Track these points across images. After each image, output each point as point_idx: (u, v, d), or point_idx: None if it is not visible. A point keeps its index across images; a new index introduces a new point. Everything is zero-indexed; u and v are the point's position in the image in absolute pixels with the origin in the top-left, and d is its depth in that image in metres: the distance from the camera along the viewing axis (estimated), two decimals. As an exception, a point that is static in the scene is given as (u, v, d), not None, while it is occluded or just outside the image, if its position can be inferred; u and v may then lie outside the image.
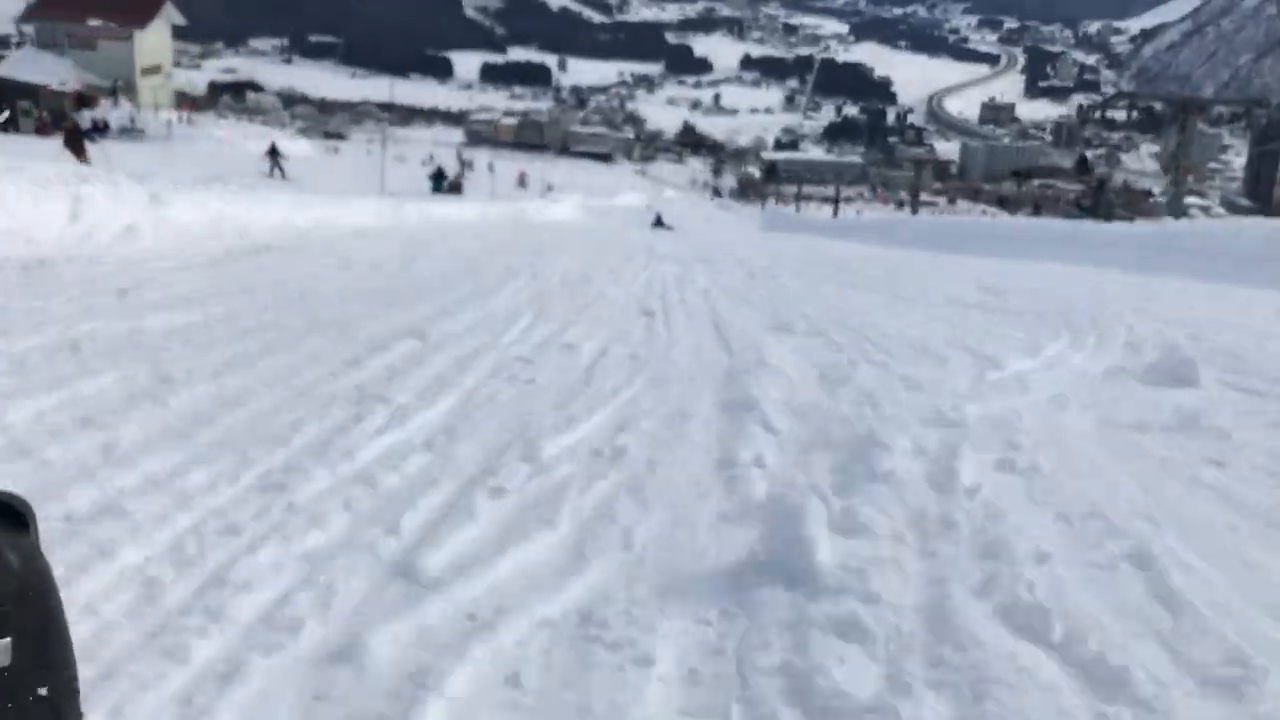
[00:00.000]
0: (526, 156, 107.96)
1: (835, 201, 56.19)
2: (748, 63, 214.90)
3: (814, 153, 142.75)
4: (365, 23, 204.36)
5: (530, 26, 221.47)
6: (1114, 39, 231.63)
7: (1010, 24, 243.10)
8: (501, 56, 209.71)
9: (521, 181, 45.08)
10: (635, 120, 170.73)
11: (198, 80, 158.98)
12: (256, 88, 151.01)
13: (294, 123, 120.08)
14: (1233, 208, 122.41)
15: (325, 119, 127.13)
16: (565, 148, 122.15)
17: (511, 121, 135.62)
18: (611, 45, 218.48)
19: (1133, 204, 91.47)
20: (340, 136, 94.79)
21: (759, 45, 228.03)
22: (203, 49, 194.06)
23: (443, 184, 29.47)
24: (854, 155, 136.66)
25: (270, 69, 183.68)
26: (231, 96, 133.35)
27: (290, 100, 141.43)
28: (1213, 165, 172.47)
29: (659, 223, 30.88)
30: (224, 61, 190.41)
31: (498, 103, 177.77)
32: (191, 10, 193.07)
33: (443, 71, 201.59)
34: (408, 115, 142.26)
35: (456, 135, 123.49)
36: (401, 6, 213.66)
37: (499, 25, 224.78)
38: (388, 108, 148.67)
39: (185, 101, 70.24)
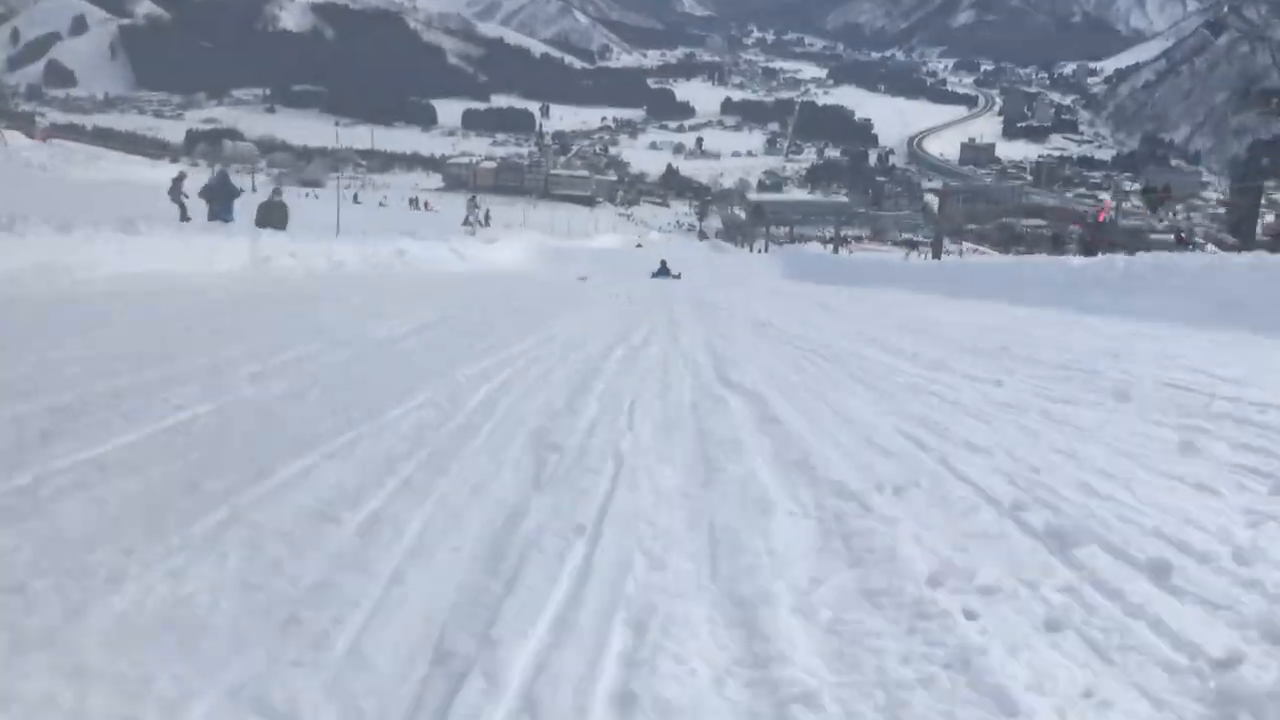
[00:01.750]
0: (506, 200, 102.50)
1: (836, 241, 50.67)
2: (729, 107, 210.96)
3: (798, 194, 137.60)
4: (348, 72, 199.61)
5: (513, 74, 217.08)
6: (1089, 80, 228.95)
7: (986, 66, 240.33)
8: (484, 104, 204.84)
9: (470, 216, 37.91)
10: (618, 164, 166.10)
11: (176, 130, 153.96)
12: (234, 136, 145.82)
13: (270, 170, 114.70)
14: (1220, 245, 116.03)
15: (302, 165, 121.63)
16: (546, 191, 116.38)
17: (491, 165, 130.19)
18: (594, 91, 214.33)
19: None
20: (316, 183, 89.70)
21: (739, 90, 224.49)
22: (184, 99, 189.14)
23: (269, 215, 16.21)
24: (840, 196, 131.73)
25: (252, 118, 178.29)
26: (208, 145, 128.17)
27: (268, 147, 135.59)
28: (1194, 202, 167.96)
29: (664, 271, 25.23)
30: (206, 112, 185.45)
31: (480, 149, 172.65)
32: (175, 61, 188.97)
33: (426, 119, 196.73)
34: (388, 161, 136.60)
35: (435, 180, 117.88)
36: (385, 56, 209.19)
37: (482, 73, 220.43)
38: (368, 154, 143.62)
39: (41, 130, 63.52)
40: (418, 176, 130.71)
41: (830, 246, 50.07)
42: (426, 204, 40.43)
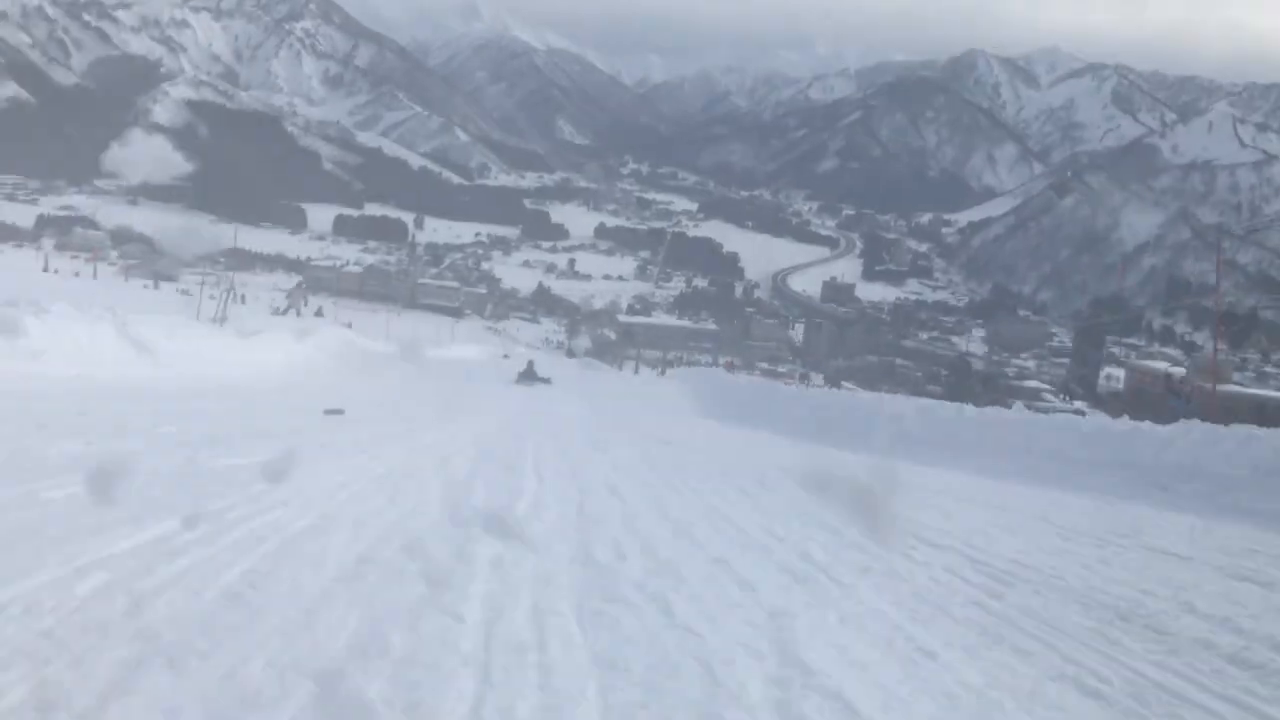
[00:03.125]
0: (369, 307, 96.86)
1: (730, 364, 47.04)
2: (603, 232, 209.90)
3: (668, 319, 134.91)
4: (218, 169, 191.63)
5: (389, 184, 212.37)
6: (944, 229, 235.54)
7: (848, 211, 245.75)
8: (358, 211, 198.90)
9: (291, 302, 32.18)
10: (490, 279, 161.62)
11: (28, 215, 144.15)
12: (89, 224, 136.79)
13: (121, 260, 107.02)
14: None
15: (157, 258, 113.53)
16: (414, 300, 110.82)
17: (356, 270, 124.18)
18: (470, 207, 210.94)
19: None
20: (169, 278, 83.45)
21: (613, 216, 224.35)
22: (43, 185, 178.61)
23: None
24: (708, 324, 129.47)
25: (113, 209, 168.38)
26: (58, 231, 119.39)
27: (123, 238, 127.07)
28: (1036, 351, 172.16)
29: (530, 375, 21.57)
30: (65, 199, 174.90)
31: (351, 255, 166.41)
32: (37, 146, 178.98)
33: (296, 222, 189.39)
34: (249, 260, 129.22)
35: (294, 281, 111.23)
36: (259, 157, 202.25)
37: (357, 181, 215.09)
38: (231, 253, 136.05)
39: None
40: (279, 278, 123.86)
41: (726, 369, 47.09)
42: (243, 296, 35.10)
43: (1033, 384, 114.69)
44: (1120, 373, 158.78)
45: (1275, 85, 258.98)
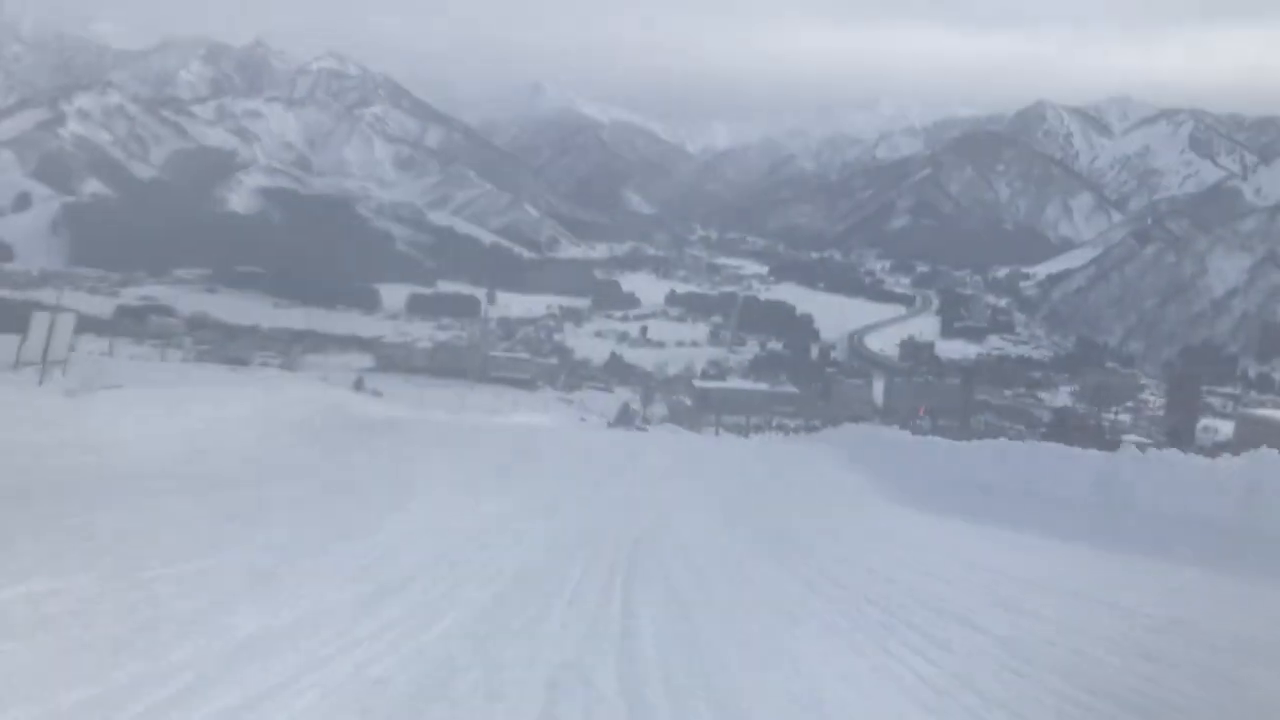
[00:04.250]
0: (440, 383, 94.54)
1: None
2: (673, 299, 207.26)
3: (743, 384, 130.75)
4: (292, 254, 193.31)
5: (461, 262, 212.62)
6: (1022, 284, 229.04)
7: (922, 268, 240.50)
8: (430, 289, 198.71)
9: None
10: (562, 350, 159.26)
11: (108, 306, 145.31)
12: (165, 312, 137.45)
13: (196, 346, 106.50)
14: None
15: (230, 342, 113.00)
16: (485, 374, 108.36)
17: (427, 345, 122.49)
18: (541, 280, 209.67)
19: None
20: (242, 362, 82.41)
21: (684, 283, 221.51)
22: (123, 277, 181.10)
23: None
24: (787, 386, 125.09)
25: (191, 297, 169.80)
26: (134, 320, 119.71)
27: (198, 324, 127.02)
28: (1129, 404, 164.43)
29: (627, 417, 19.63)
30: (143, 289, 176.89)
31: (424, 332, 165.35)
32: (117, 240, 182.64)
33: (370, 303, 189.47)
34: (321, 342, 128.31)
35: (368, 360, 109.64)
36: (333, 240, 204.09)
37: (430, 259, 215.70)
38: (303, 335, 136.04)
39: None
40: (352, 357, 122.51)
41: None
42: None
43: (1131, 437, 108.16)
44: (1219, 423, 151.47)
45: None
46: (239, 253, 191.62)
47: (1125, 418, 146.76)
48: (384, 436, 18.35)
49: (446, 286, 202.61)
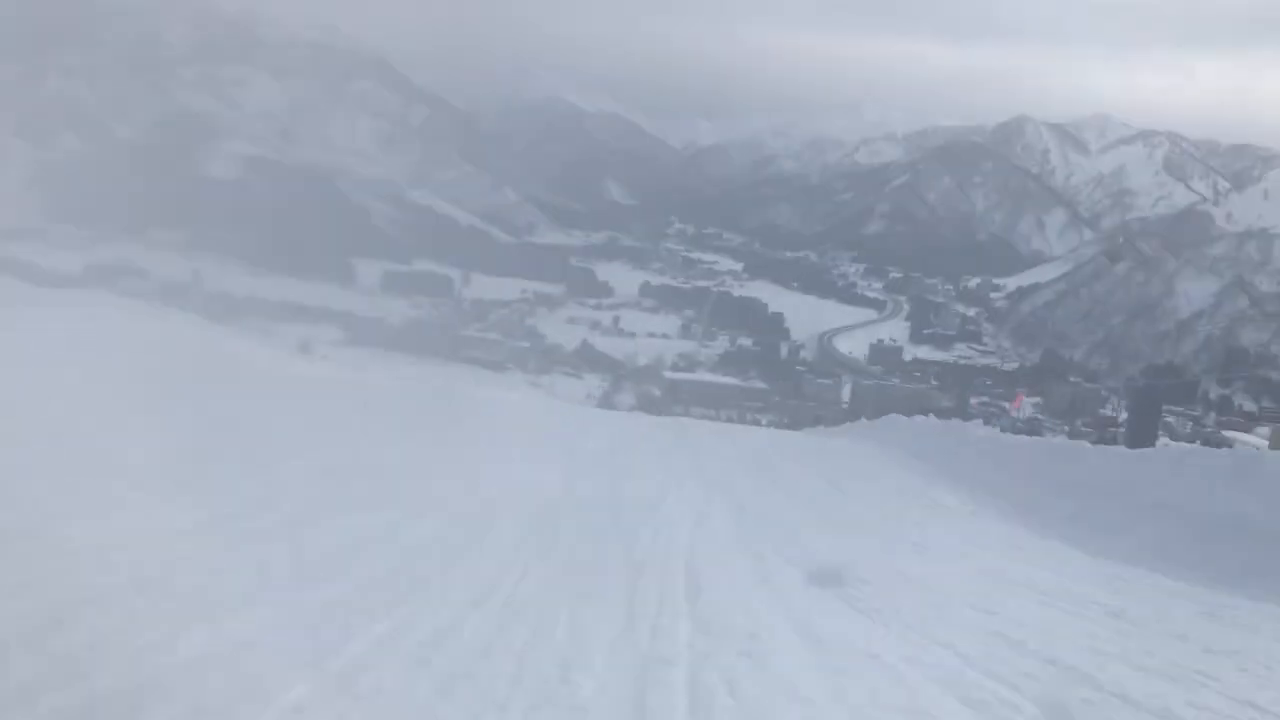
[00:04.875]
0: (408, 359, 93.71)
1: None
2: (647, 290, 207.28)
3: (713, 377, 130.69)
4: (270, 224, 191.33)
5: (438, 241, 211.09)
6: (992, 294, 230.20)
7: (895, 274, 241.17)
8: (406, 266, 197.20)
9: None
10: (534, 335, 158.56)
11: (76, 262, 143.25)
12: (137, 274, 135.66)
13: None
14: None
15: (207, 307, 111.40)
16: (456, 353, 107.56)
17: (398, 321, 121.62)
18: (516, 264, 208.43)
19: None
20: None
21: (659, 275, 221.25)
22: (94, 234, 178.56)
23: None
24: (758, 382, 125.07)
25: (164, 258, 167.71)
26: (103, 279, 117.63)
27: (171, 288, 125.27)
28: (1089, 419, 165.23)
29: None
30: (116, 248, 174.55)
31: (398, 309, 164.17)
32: (91, 197, 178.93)
33: (344, 277, 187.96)
34: (294, 311, 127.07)
35: (337, 333, 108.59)
36: (309, 212, 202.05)
37: (407, 237, 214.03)
38: (279, 305, 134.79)
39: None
40: (322, 329, 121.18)
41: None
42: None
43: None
44: (1178, 444, 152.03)
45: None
46: (217, 218, 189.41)
47: (1086, 430, 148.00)
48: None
49: (422, 265, 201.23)
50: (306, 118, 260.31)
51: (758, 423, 62.42)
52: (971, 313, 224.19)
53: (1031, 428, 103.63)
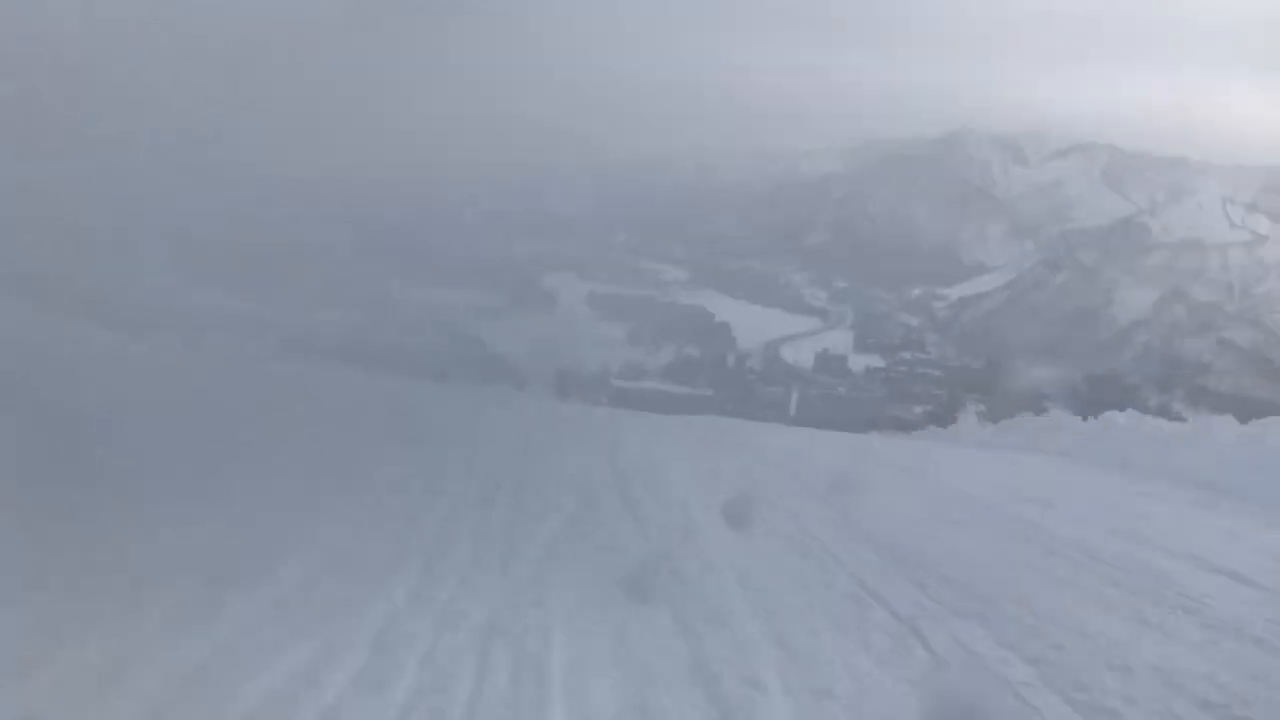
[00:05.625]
0: (347, 371, 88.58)
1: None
2: (593, 299, 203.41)
3: (661, 385, 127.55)
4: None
5: (375, 250, 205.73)
6: (935, 304, 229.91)
7: (840, 283, 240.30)
8: (343, 272, 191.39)
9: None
10: (478, 343, 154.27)
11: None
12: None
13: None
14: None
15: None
16: (393, 363, 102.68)
17: (334, 333, 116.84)
18: (458, 275, 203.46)
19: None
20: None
21: (604, 284, 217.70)
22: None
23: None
24: (706, 390, 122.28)
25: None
26: None
27: None
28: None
29: None
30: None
31: (332, 320, 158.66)
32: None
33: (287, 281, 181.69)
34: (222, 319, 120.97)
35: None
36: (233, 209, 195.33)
37: (341, 245, 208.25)
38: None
39: None
40: (259, 340, 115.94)
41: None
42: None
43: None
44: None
45: (1262, 167, 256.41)
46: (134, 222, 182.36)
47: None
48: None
49: (361, 273, 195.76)
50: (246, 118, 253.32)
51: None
52: (915, 322, 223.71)
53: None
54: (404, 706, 6.07)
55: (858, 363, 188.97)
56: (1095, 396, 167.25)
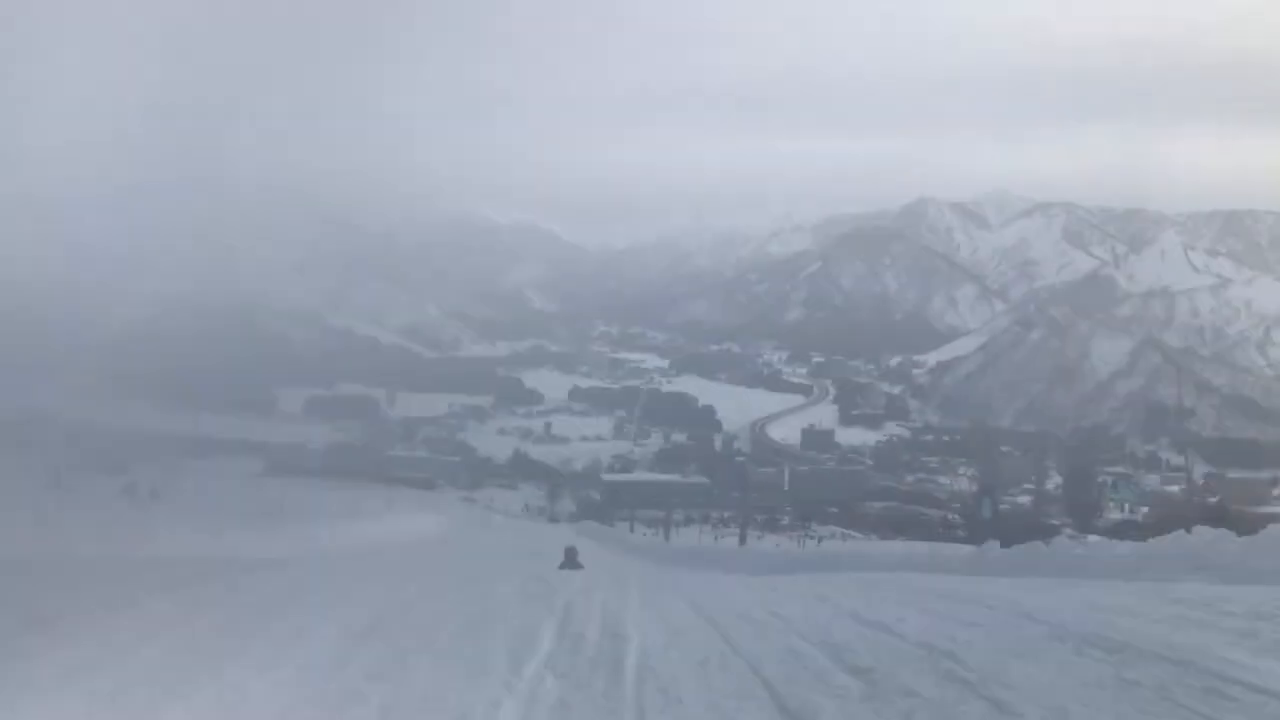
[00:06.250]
0: (334, 484, 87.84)
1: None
2: (576, 394, 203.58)
3: (652, 475, 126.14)
4: (186, 361, 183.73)
5: (360, 363, 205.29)
6: (914, 371, 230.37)
7: (818, 358, 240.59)
8: (329, 390, 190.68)
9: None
10: (465, 449, 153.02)
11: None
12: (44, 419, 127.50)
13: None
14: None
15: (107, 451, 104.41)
16: (384, 474, 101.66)
17: (319, 447, 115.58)
18: (442, 379, 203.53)
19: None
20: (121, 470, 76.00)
21: (586, 378, 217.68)
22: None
23: None
24: (699, 477, 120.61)
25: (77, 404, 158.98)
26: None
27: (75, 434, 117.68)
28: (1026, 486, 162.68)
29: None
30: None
31: (323, 435, 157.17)
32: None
33: (264, 407, 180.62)
34: (210, 446, 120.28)
35: (258, 464, 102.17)
36: (227, 346, 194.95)
37: (328, 362, 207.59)
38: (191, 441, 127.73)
39: None
40: (242, 461, 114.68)
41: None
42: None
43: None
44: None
45: (1217, 212, 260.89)
46: (131, 360, 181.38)
47: (1025, 499, 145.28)
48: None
49: (346, 388, 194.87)
50: (218, 249, 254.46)
51: (712, 519, 57.86)
52: (896, 390, 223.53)
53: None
54: None
55: (845, 436, 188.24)
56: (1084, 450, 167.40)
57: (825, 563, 18.62)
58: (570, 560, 16.73)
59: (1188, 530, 11.99)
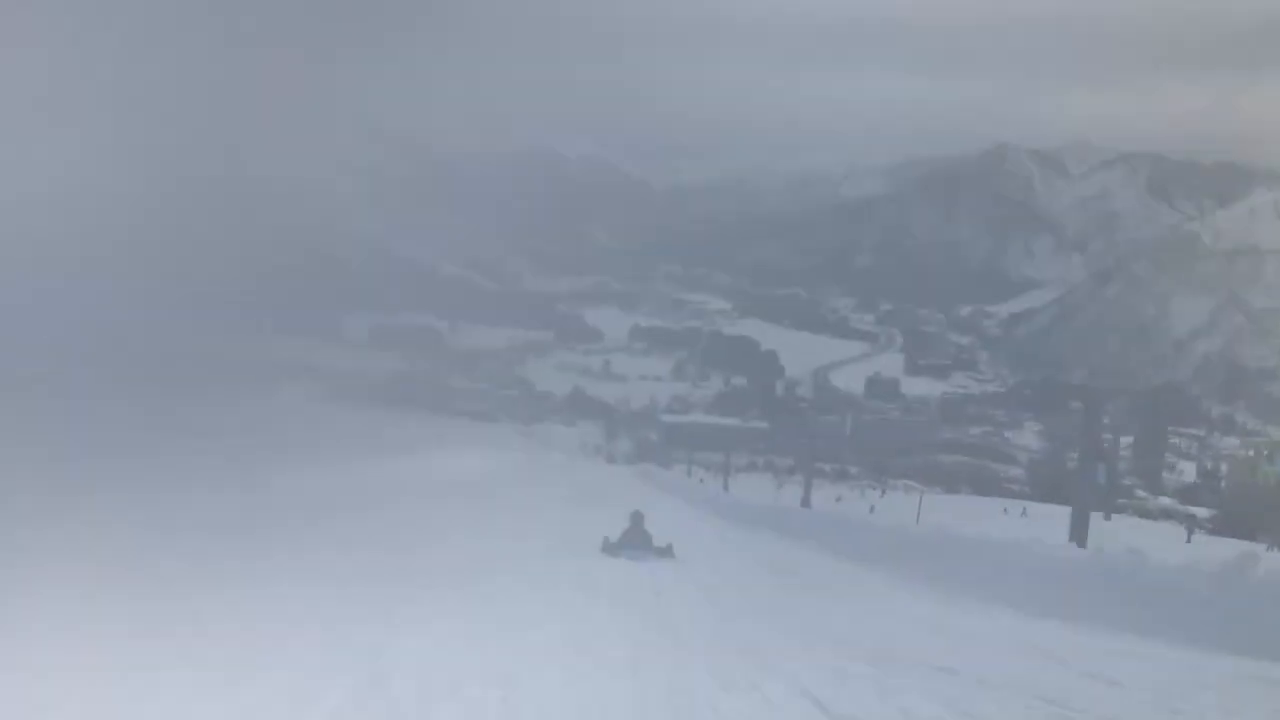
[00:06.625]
0: (396, 413, 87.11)
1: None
2: (637, 333, 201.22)
3: (710, 419, 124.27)
4: (250, 279, 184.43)
5: (425, 293, 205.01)
6: (985, 322, 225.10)
7: (886, 306, 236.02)
8: (392, 319, 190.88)
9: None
10: (523, 383, 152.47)
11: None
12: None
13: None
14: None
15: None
16: (443, 405, 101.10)
17: (383, 375, 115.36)
18: (504, 313, 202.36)
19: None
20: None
21: (648, 317, 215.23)
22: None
23: None
24: (759, 421, 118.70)
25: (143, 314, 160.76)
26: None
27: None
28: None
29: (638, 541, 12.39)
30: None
31: (386, 364, 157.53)
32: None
33: (329, 333, 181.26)
34: (278, 369, 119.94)
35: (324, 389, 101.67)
36: (292, 266, 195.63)
37: (392, 291, 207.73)
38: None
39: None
40: (306, 386, 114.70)
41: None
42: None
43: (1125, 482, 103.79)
44: (1183, 463, 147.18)
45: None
46: (199, 275, 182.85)
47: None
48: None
49: (409, 318, 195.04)
50: (287, 169, 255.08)
51: (775, 468, 55.84)
52: (965, 341, 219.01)
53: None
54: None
55: (910, 386, 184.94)
56: (1156, 410, 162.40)
57: (942, 546, 15.50)
58: (635, 532, 13.62)
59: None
